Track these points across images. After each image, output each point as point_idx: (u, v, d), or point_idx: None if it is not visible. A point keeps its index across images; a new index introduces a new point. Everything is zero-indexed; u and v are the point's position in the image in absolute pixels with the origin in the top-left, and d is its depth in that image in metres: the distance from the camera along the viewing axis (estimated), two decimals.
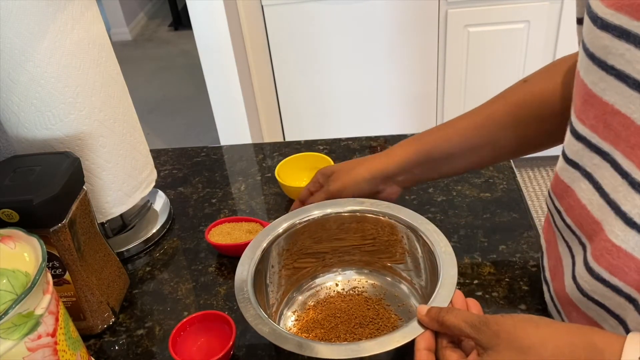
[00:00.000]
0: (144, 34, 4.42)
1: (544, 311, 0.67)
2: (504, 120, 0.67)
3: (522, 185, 0.89)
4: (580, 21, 0.55)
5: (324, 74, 2.17)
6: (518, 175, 0.92)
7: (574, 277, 0.53)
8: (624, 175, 0.44)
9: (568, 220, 0.53)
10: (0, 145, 0.86)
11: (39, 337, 0.52)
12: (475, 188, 0.89)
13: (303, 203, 0.77)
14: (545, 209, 0.64)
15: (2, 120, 0.75)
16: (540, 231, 0.79)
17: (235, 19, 1.93)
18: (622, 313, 0.49)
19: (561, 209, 0.54)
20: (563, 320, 0.58)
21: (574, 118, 0.50)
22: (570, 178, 0.52)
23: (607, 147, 0.46)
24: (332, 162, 0.90)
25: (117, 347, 0.70)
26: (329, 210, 0.70)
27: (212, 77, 1.97)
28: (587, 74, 0.46)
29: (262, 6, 2.03)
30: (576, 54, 0.64)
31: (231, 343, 0.63)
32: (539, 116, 0.66)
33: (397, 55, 2.11)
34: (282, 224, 0.69)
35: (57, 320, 0.54)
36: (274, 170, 0.92)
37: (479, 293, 0.71)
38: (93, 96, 0.75)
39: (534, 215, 0.84)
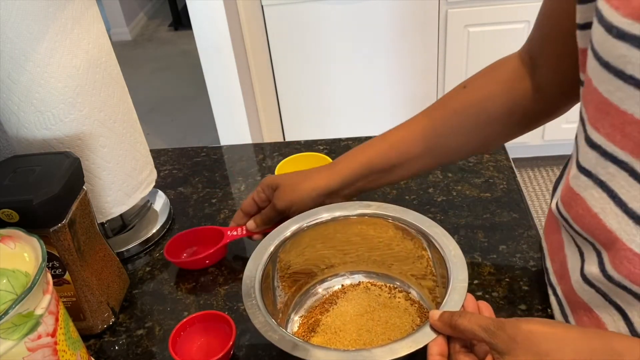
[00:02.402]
0: (144, 34, 4.42)
1: (544, 311, 0.67)
2: (444, 129, 0.68)
3: (522, 185, 0.89)
4: (582, 26, 0.54)
5: (324, 74, 2.17)
6: (518, 175, 0.92)
7: (583, 276, 0.53)
8: None
9: (577, 228, 0.52)
10: (0, 145, 0.86)
11: (39, 337, 0.52)
12: (475, 188, 0.89)
13: (247, 214, 0.79)
14: (546, 209, 0.64)
15: (2, 120, 0.75)
16: (540, 232, 0.79)
17: (235, 19, 1.93)
18: (630, 314, 0.49)
19: (568, 216, 0.54)
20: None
21: (588, 126, 0.49)
22: (581, 186, 0.51)
23: (624, 156, 0.45)
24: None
25: (117, 347, 0.70)
26: (337, 214, 0.70)
27: (212, 77, 1.97)
28: (602, 83, 0.45)
29: (262, 6, 2.03)
30: (515, 56, 0.67)
31: (231, 343, 0.63)
32: (479, 123, 0.67)
33: (397, 55, 2.11)
34: (289, 227, 0.69)
35: (57, 320, 0.54)
36: (274, 170, 0.92)
37: (479, 293, 0.71)
38: (93, 96, 0.75)
39: (534, 215, 0.84)
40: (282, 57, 2.14)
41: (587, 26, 0.52)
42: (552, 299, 0.62)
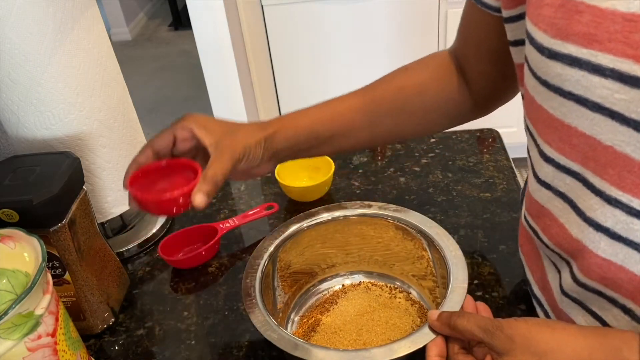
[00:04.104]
0: (144, 34, 4.42)
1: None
2: (383, 105, 0.69)
3: (522, 185, 0.89)
4: (513, 43, 0.56)
5: (324, 74, 2.17)
6: (518, 175, 0.92)
7: (562, 289, 0.53)
8: (598, 193, 0.44)
9: (545, 240, 0.53)
10: (0, 145, 0.86)
11: (39, 337, 0.52)
12: (475, 188, 0.89)
13: (157, 152, 0.64)
14: None
15: (2, 120, 0.75)
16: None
17: (235, 19, 1.93)
18: (616, 325, 0.49)
19: (537, 228, 0.54)
20: None
21: (539, 140, 0.50)
22: (544, 199, 0.51)
23: (577, 167, 0.46)
24: (331, 162, 0.90)
25: (117, 347, 0.70)
26: (337, 214, 0.70)
27: (212, 77, 1.97)
28: (545, 100, 0.47)
29: (262, 6, 2.03)
30: (446, 53, 0.70)
31: (195, 182, 0.57)
32: (414, 105, 0.69)
33: (397, 55, 2.11)
34: (289, 227, 0.69)
35: (57, 320, 0.54)
36: (274, 170, 0.92)
37: (479, 293, 0.71)
38: (93, 96, 0.75)
39: None
40: (282, 57, 2.14)
41: (518, 43, 0.54)
42: (538, 310, 0.62)
